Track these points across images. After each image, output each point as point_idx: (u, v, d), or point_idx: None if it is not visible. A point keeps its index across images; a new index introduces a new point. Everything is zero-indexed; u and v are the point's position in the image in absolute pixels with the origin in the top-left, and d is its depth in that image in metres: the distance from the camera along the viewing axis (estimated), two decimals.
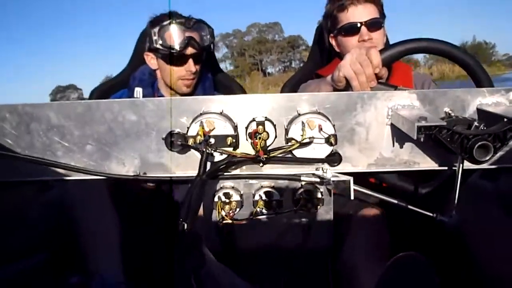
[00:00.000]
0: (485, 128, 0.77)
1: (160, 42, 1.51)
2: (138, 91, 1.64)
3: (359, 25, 1.52)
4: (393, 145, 0.87)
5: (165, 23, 1.50)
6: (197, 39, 1.53)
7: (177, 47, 1.51)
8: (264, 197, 1.03)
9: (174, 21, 1.50)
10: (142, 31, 1.75)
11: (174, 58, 1.55)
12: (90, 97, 1.72)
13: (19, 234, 1.21)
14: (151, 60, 1.62)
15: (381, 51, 1.07)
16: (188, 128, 0.82)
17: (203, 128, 0.81)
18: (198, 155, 0.81)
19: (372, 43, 1.51)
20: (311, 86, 1.55)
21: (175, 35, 1.51)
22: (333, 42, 1.66)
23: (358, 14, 1.52)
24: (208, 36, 1.57)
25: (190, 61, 1.56)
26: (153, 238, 1.32)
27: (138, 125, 0.86)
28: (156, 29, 1.51)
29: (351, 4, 1.52)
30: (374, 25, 1.52)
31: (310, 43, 1.95)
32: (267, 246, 1.09)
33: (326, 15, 1.63)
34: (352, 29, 1.54)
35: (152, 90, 1.68)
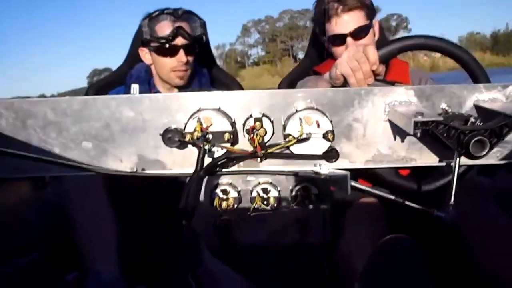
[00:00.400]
0: (481, 124, 0.78)
1: (150, 33, 1.53)
2: (135, 87, 1.64)
3: (344, 36, 1.52)
4: (390, 141, 0.88)
5: (154, 14, 1.52)
6: (187, 29, 1.54)
7: (166, 37, 1.53)
8: (261, 194, 1.03)
9: (161, 12, 1.52)
10: (138, 29, 1.75)
11: (164, 49, 1.56)
12: (87, 94, 1.71)
13: (16, 231, 1.21)
14: (146, 55, 1.63)
15: (377, 49, 1.07)
16: (185, 124, 0.82)
17: (200, 124, 0.81)
18: (195, 151, 0.81)
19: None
20: (308, 83, 1.56)
21: (163, 26, 1.53)
22: (326, 44, 1.66)
23: (342, 25, 1.51)
24: (199, 27, 1.58)
25: (181, 51, 1.57)
26: (150, 234, 1.32)
27: (135, 122, 0.85)
28: (146, 21, 1.53)
29: (335, 15, 1.52)
30: (360, 33, 1.52)
31: None
32: (265, 242, 1.09)
33: (314, 23, 1.65)
34: (338, 40, 1.54)
35: (148, 87, 1.68)
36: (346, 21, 1.51)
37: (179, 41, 1.55)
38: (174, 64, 1.59)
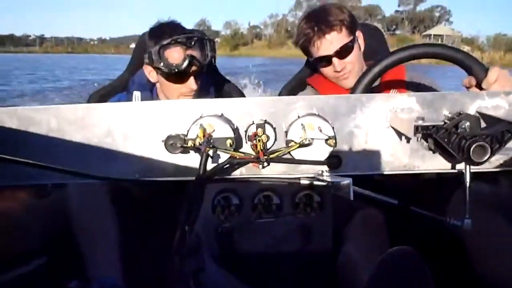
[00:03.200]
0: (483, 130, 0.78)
1: (160, 61, 1.47)
2: (137, 95, 1.62)
3: (329, 57, 1.51)
4: (393, 148, 0.88)
5: (165, 42, 1.45)
6: (198, 57, 1.49)
7: (178, 66, 1.47)
8: (263, 201, 1.03)
9: (174, 41, 1.45)
10: (140, 37, 1.75)
11: (174, 76, 1.51)
12: (89, 101, 1.72)
13: (18, 238, 1.21)
14: (151, 73, 1.58)
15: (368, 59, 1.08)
16: (187, 130, 0.83)
17: (203, 130, 0.81)
18: (197, 157, 0.81)
19: (346, 71, 1.52)
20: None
21: (175, 52, 1.47)
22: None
23: (326, 46, 1.50)
24: (210, 52, 1.53)
25: (191, 79, 1.52)
26: (152, 241, 1.32)
27: (137, 128, 0.86)
28: (156, 48, 1.46)
29: (317, 38, 1.51)
30: (345, 52, 1.51)
31: (387, 13, 1.95)
32: (267, 249, 1.08)
33: (300, 44, 1.61)
34: (324, 63, 1.54)
35: (151, 94, 1.66)
36: (329, 42, 1.50)
37: (190, 69, 1.50)
38: (183, 90, 1.55)
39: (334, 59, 1.50)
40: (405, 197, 1.01)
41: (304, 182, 0.88)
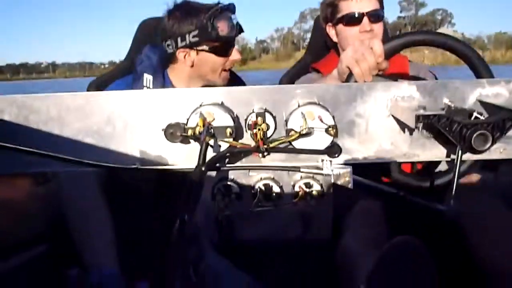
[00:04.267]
0: (484, 118, 0.77)
1: (207, 35, 1.38)
2: (148, 79, 1.49)
3: (361, 15, 1.51)
4: (393, 137, 0.87)
5: (212, 10, 1.37)
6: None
7: (229, 35, 1.40)
8: (263, 189, 1.03)
9: (221, 9, 1.38)
10: (141, 23, 1.73)
11: (223, 48, 1.44)
12: (88, 89, 1.70)
13: (18, 226, 1.21)
14: (187, 57, 1.47)
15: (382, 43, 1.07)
16: (187, 119, 0.82)
17: (202, 119, 0.81)
18: (197, 146, 0.81)
19: (373, 35, 1.50)
20: (311, 83, 1.55)
21: (225, 24, 1.40)
22: (330, 31, 1.64)
23: (361, 4, 1.51)
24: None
25: (235, 48, 1.47)
26: (151, 230, 1.32)
27: (137, 117, 0.86)
28: (206, 21, 1.37)
29: None
30: (376, 16, 1.52)
31: (390, 19, 1.98)
32: (267, 238, 1.09)
33: (327, 2, 1.61)
34: (354, 19, 1.53)
35: (162, 80, 1.53)
36: (365, 1, 1.51)
37: (234, 37, 1.45)
38: (228, 63, 1.49)
39: (365, 19, 1.50)
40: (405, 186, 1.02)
41: (304, 170, 0.88)
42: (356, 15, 1.52)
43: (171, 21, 1.43)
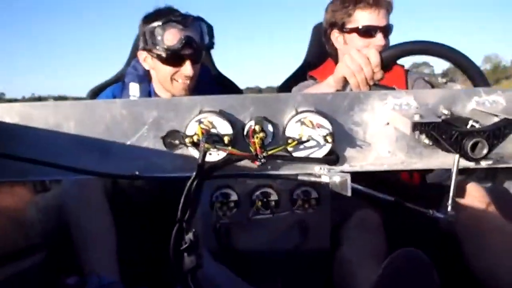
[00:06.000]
0: (481, 126, 0.78)
1: (155, 42, 1.44)
2: (133, 87, 1.57)
3: (377, 29, 1.53)
4: (391, 145, 0.88)
5: (160, 22, 1.42)
6: (195, 38, 1.46)
7: (174, 47, 1.43)
8: (261, 197, 1.03)
9: (169, 21, 1.42)
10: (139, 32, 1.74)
11: (170, 60, 1.47)
12: (88, 96, 1.71)
13: (17, 234, 1.21)
14: (146, 59, 1.55)
15: (379, 52, 1.07)
16: (186, 127, 0.82)
17: (201, 127, 0.81)
18: (196, 154, 0.81)
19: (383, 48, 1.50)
20: (308, 90, 1.55)
21: (171, 34, 1.44)
22: (337, 37, 1.63)
23: (379, 18, 1.53)
24: (207, 36, 1.50)
25: (188, 63, 1.48)
26: (150, 238, 1.32)
27: (136, 125, 0.86)
28: (150, 29, 1.43)
29: (373, 7, 1.52)
30: (389, 31, 1.55)
31: None
32: (265, 246, 1.09)
33: (340, 9, 1.60)
34: (370, 32, 1.54)
35: (148, 86, 1.62)
36: (381, 16, 1.52)
37: (187, 51, 1.46)
38: (178, 76, 1.51)
39: (380, 34, 1.52)
40: (402, 194, 1.02)
41: (302, 178, 0.88)
42: (373, 28, 1.53)
43: (141, 23, 1.52)
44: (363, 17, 1.54)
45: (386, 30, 1.54)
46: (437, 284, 0.82)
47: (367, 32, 1.54)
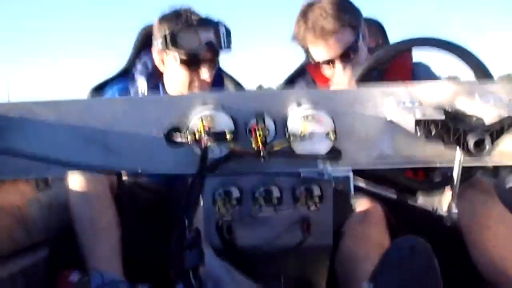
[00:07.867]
0: (484, 123, 0.77)
1: (175, 44, 1.40)
2: (143, 83, 1.55)
3: (332, 61, 1.40)
4: (393, 142, 0.88)
5: (181, 24, 1.40)
6: (215, 43, 1.42)
7: (195, 51, 1.41)
8: (264, 194, 1.03)
9: (192, 23, 1.40)
10: (143, 28, 1.73)
11: (190, 62, 1.44)
12: (89, 94, 1.71)
13: (20, 231, 1.21)
14: (163, 61, 1.52)
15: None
16: (188, 124, 0.82)
17: (203, 124, 0.81)
18: (198, 151, 0.81)
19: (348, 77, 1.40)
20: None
21: (191, 39, 1.41)
22: (315, 70, 1.53)
23: (329, 49, 1.39)
24: (226, 40, 1.45)
25: (206, 66, 1.45)
26: (152, 234, 1.32)
27: (138, 122, 0.86)
28: (170, 30, 1.40)
29: (318, 41, 1.38)
30: (348, 55, 1.40)
31: None
32: (267, 242, 1.09)
33: (299, 42, 1.48)
34: (326, 66, 1.43)
35: (158, 84, 1.58)
36: (332, 45, 1.38)
37: (207, 55, 1.44)
38: (195, 79, 1.46)
39: (337, 64, 1.40)
40: (406, 190, 1.02)
41: (304, 175, 0.88)
42: (327, 62, 1.41)
43: (158, 23, 1.49)
44: (315, 52, 1.42)
45: (345, 55, 1.38)
46: (437, 272, 0.82)
47: (324, 66, 1.44)
